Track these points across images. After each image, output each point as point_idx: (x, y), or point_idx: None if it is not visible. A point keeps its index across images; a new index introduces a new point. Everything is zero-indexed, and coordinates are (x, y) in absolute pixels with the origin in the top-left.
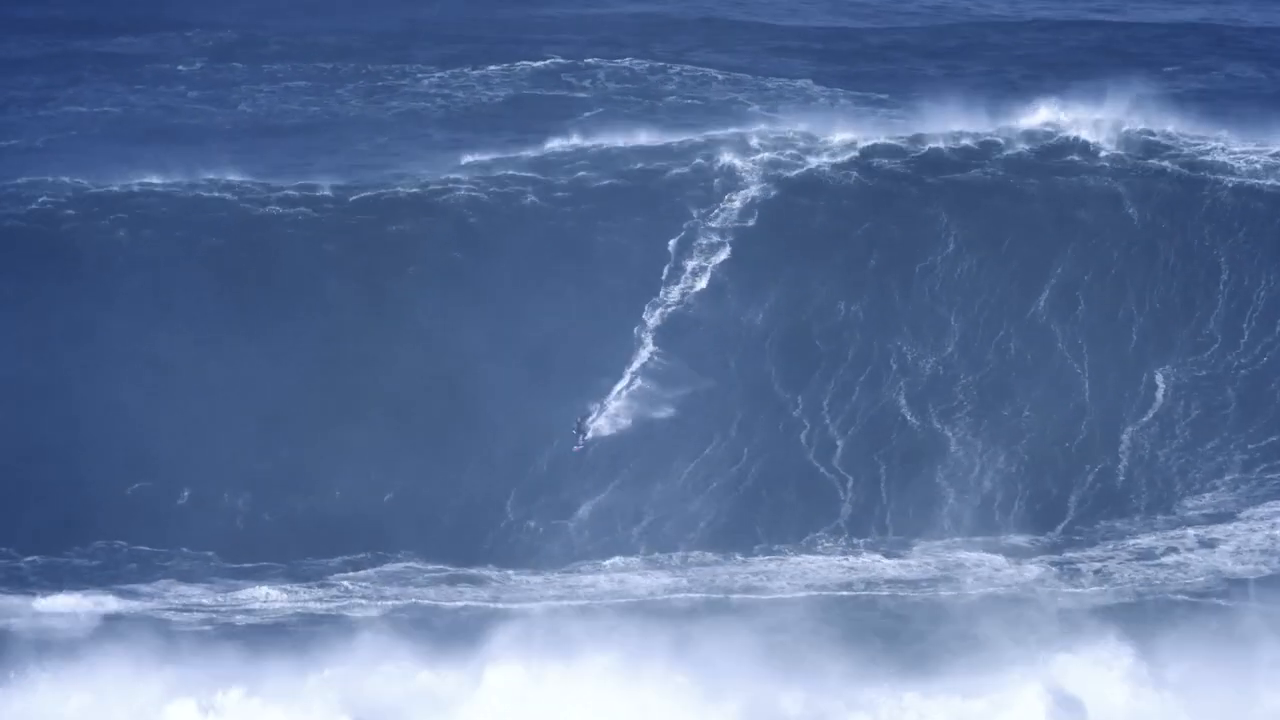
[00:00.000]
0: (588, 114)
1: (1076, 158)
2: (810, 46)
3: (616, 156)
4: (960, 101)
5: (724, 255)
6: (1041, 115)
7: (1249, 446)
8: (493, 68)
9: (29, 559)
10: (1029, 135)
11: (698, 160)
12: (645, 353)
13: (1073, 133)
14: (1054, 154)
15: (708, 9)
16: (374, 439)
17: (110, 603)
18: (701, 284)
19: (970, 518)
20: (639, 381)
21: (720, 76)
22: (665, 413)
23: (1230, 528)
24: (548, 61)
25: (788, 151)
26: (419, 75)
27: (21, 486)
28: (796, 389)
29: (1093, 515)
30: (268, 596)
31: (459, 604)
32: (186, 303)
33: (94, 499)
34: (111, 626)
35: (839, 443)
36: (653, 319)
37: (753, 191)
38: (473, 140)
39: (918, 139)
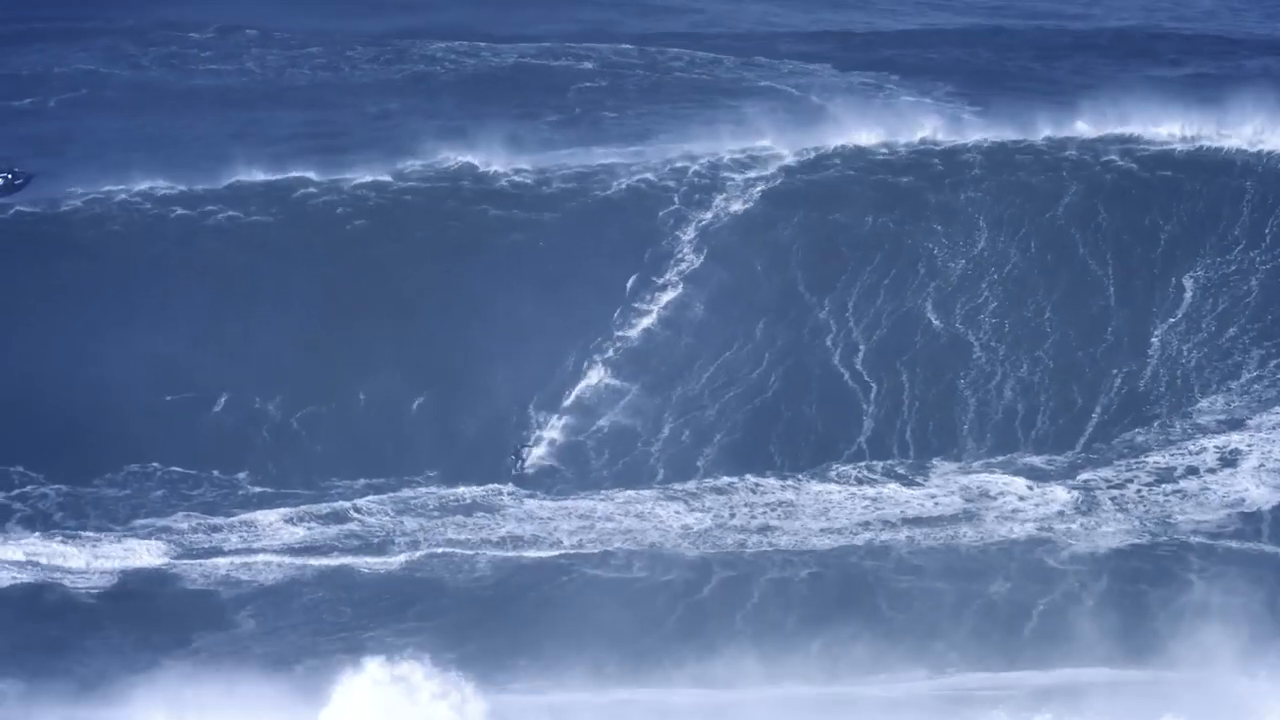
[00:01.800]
0: None
1: None
2: None
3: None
4: None
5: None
6: None
7: (1264, 343)
8: None
9: (55, 487)
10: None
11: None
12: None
13: None
14: None
15: None
16: (400, 360)
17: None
18: (738, 205)
19: (992, 433)
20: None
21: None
22: (695, 314)
23: (1247, 437)
24: None
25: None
26: None
27: (59, 408)
28: (823, 292)
29: (1113, 426)
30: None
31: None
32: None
33: (132, 412)
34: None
35: (862, 347)
36: (688, 233)
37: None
38: None
39: None
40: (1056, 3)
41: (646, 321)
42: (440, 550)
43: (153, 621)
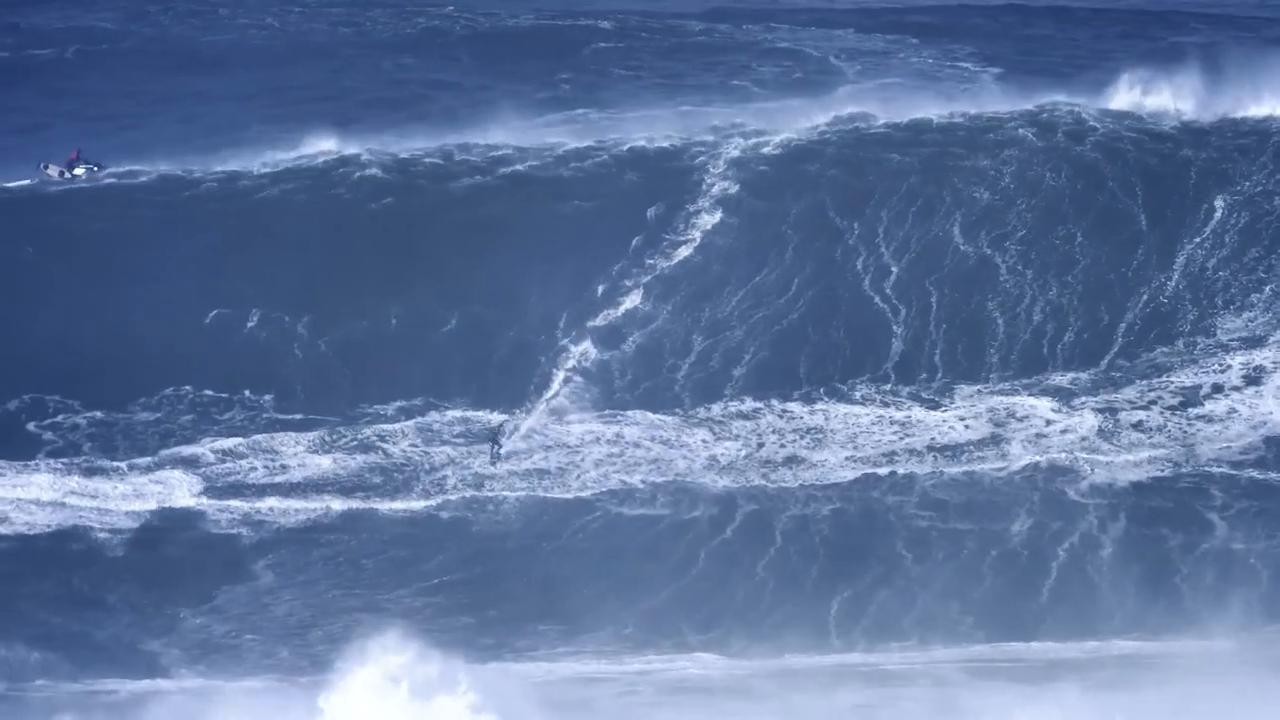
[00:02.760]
0: None
1: None
2: None
3: None
4: None
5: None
6: None
7: None
8: None
9: (89, 414)
10: None
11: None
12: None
13: None
14: None
15: None
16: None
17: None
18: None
19: (1019, 355)
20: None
21: None
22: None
23: (1272, 353)
24: None
25: None
26: None
27: (97, 334)
28: (853, 218)
29: (1138, 345)
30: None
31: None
32: None
33: (172, 333)
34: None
35: (894, 270)
36: (723, 160)
37: None
38: None
39: None
40: None
41: (677, 250)
42: (466, 494)
43: (175, 575)
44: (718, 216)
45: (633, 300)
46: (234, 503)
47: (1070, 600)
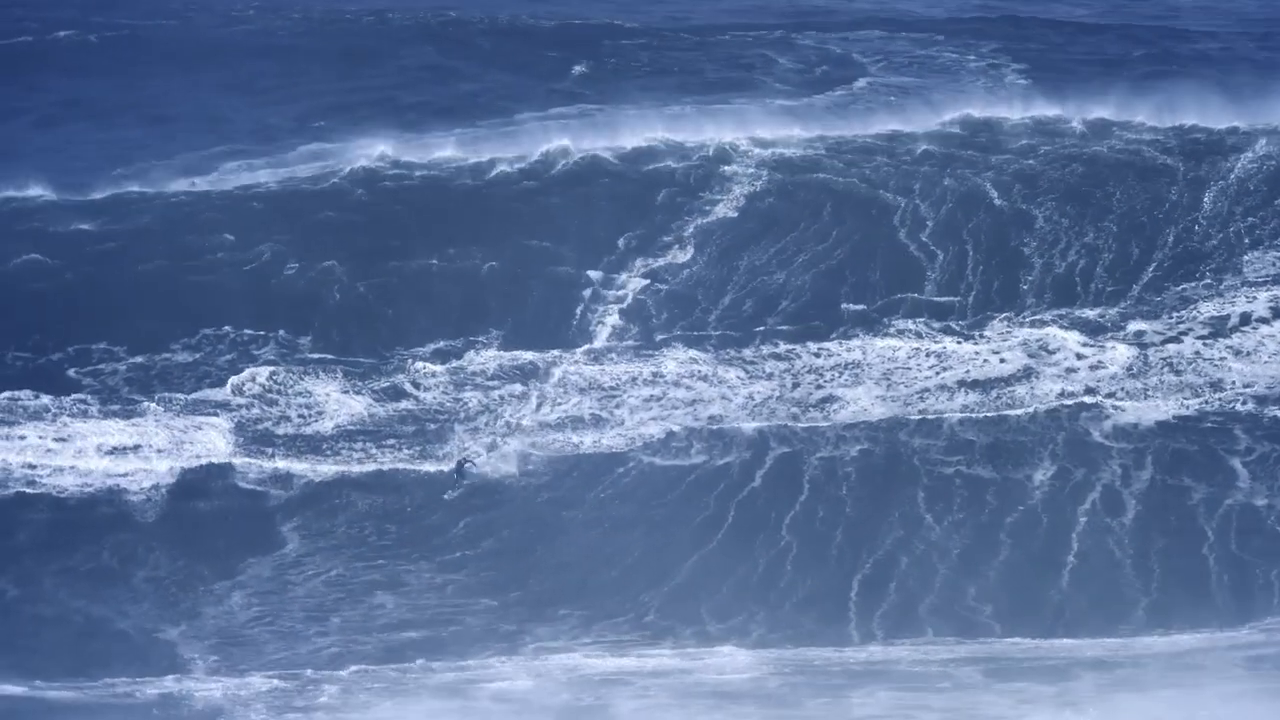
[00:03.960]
0: None
1: None
2: None
3: None
4: None
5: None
6: None
7: None
8: None
9: (131, 360)
10: None
11: None
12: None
13: None
14: None
15: None
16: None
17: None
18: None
19: (1052, 289)
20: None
21: None
22: (763, 203)
23: None
24: None
25: None
26: None
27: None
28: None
29: (1166, 280)
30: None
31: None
32: None
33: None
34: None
35: (929, 223)
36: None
37: None
38: None
39: None
40: None
41: (714, 209)
42: (498, 448)
43: (204, 543)
44: (755, 185)
45: (671, 250)
46: (265, 454)
47: (1091, 583)
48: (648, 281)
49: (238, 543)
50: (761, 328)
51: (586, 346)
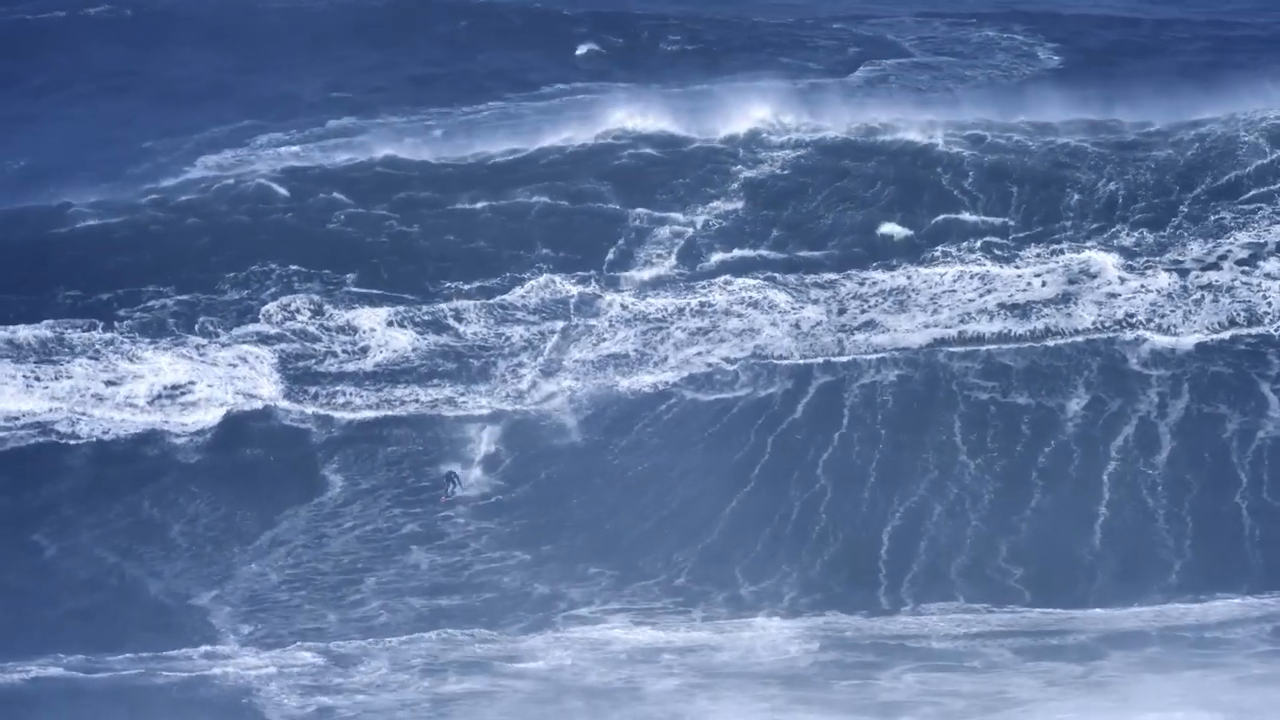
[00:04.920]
0: None
1: None
2: None
3: None
4: None
5: None
6: None
7: None
8: None
9: (181, 297)
10: None
11: None
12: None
13: None
14: None
15: None
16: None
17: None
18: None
19: (1093, 217)
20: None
21: None
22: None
23: None
24: None
25: None
26: None
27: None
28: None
29: (1205, 209)
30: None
31: None
32: None
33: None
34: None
35: (971, 173)
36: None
37: None
38: None
39: None
40: None
41: (758, 166)
42: (539, 388)
43: (243, 488)
44: (801, 150)
45: (719, 199)
46: (307, 393)
47: (1123, 539)
48: (699, 220)
49: (277, 488)
50: (808, 258)
51: (634, 279)
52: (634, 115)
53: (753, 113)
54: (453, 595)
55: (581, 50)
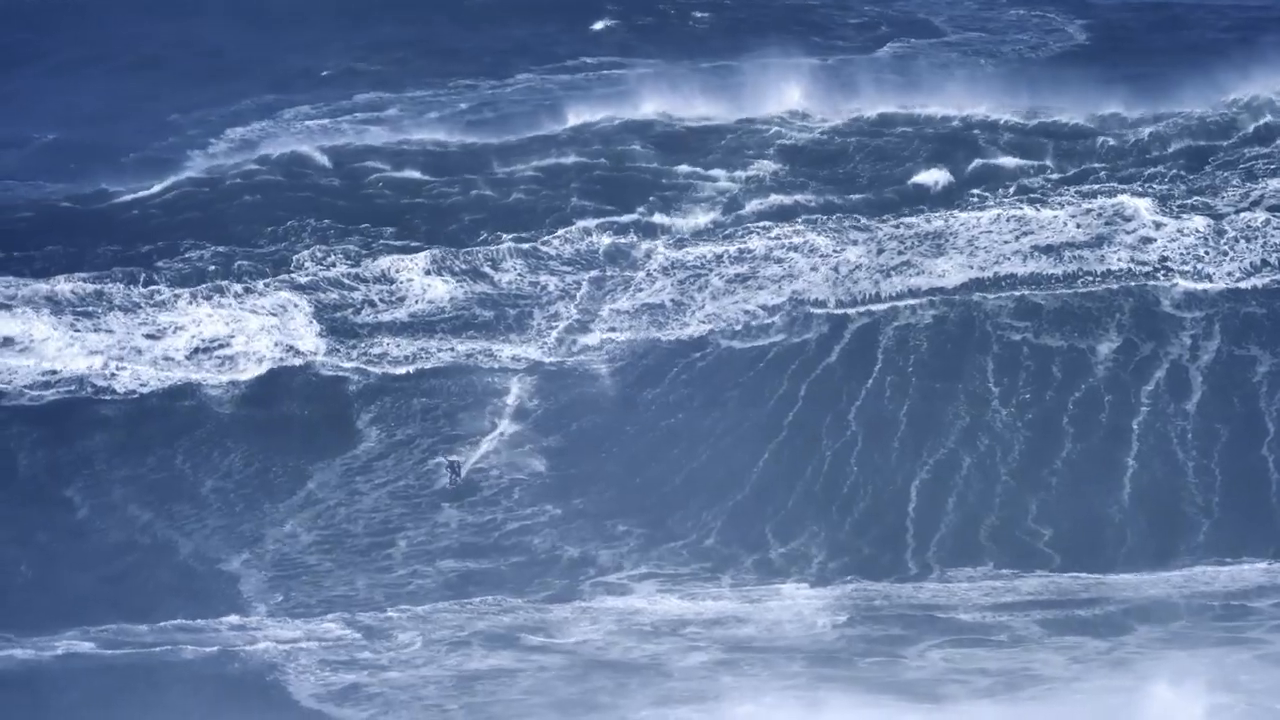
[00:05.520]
0: None
1: None
2: None
3: None
4: None
5: None
6: None
7: None
8: None
9: (218, 249)
10: None
11: None
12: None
13: None
14: None
15: None
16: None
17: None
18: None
19: (1127, 158)
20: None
21: None
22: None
23: None
24: None
25: None
26: None
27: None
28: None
29: (1237, 154)
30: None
31: None
32: None
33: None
34: None
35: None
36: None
37: None
38: None
39: None
40: None
41: (793, 133)
42: (574, 338)
43: (277, 440)
44: (831, 122)
45: (759, 161)
46: (345, 343)
47: (1151, 495)
48: (738, 175)
49: (312, 441)
50: (846, 203)
51: (672, 229)
52: (664, 94)
53: (785, 90)
54: (481, 559)
55: (599, 25)
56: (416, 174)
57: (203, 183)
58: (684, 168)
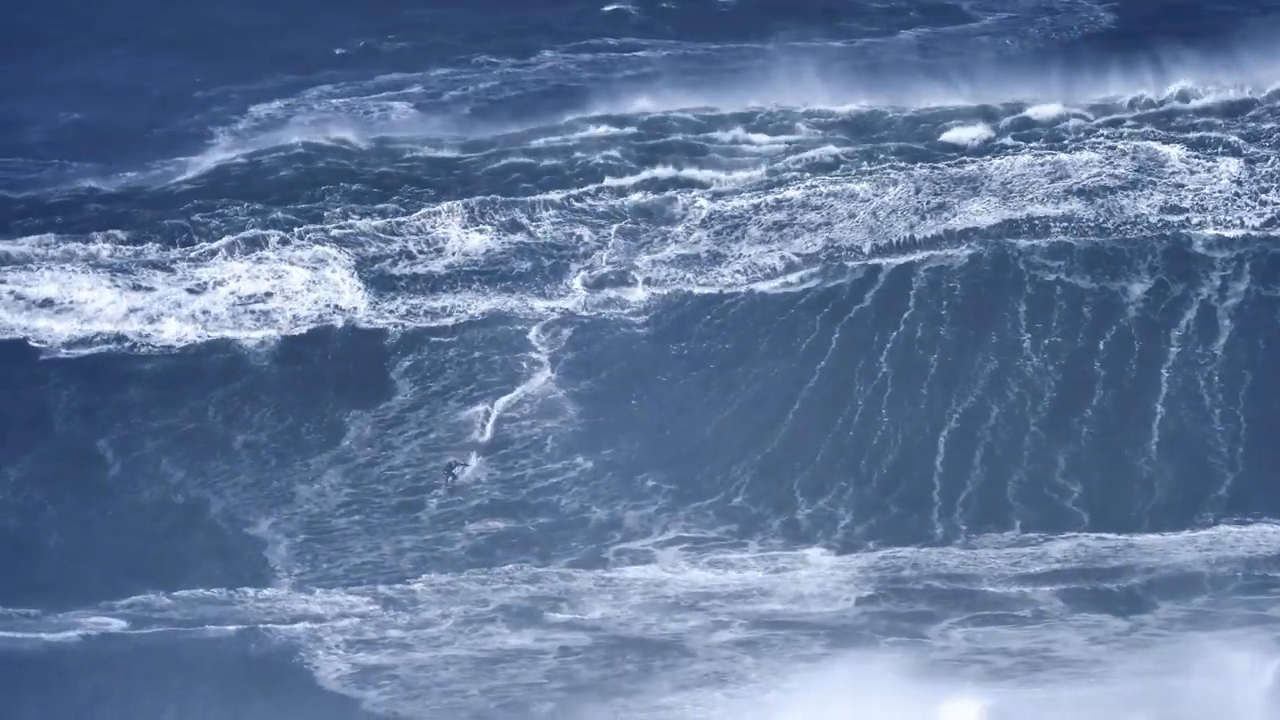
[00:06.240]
0: None
1: None
2: None
3: None
4: None
5: None
6: None
7: None
8: None
9: (254, 206)
10: None
11: None
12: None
13: None
14: None
15: None
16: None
17: None
18: None
19: (1164, 106)
20: None
21: None
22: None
23: None
24: None
25: None
26: None
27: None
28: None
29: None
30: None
31: None
32: None
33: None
34: None
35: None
36: None
37: None
38: None
39: None
40: None
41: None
42: (606, 293)
43: (311, 395)
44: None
45: (790, 126)
46: (384, 295)
47: (1179, 445)
48: (777, 139)
49: (346, 393)
50: (885, 149)
51: (710, 182)
52: (689, 76)
53: (809, 76)
54: (509, 518)
55: (619, 5)
56: (445, 150)
57: (234, 156)
58: (721, 133)
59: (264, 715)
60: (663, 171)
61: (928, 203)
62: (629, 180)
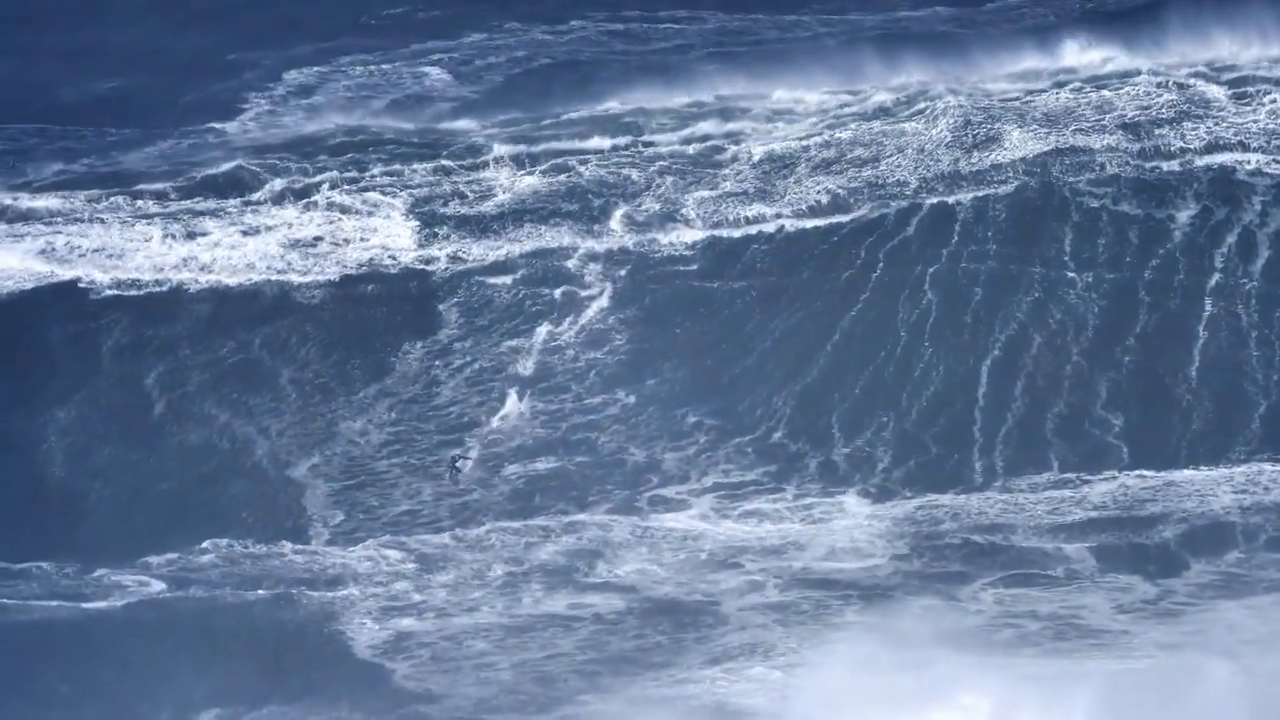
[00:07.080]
0: None
1: None
2: None
3: None
4: None
5: None
6: None
7: None
8: None
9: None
10: None
11: None
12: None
13: None
14: None
15: None
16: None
17: None
18: None
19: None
20: None
21: None
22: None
23: None
24: None
25: None
26: None
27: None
28: None
29: None
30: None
31: None
32: None
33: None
34: None
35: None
36: None
37: None
38: None
39: None
40: None
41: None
42: (649, 235)
43: (358, 330)
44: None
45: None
46: (435, 233)
47: (1216, 370)
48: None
49: (392, 328)
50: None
51: (759, 119)
52: (720, 57)
53: (857, 49)
54: (549, 457)
55: None
56: (483, 118)
57: (273, 119)
58: (764, 102)
59: (299, 688)
60: (709, 127)
61: (974, 136)
62: (675, 135)
